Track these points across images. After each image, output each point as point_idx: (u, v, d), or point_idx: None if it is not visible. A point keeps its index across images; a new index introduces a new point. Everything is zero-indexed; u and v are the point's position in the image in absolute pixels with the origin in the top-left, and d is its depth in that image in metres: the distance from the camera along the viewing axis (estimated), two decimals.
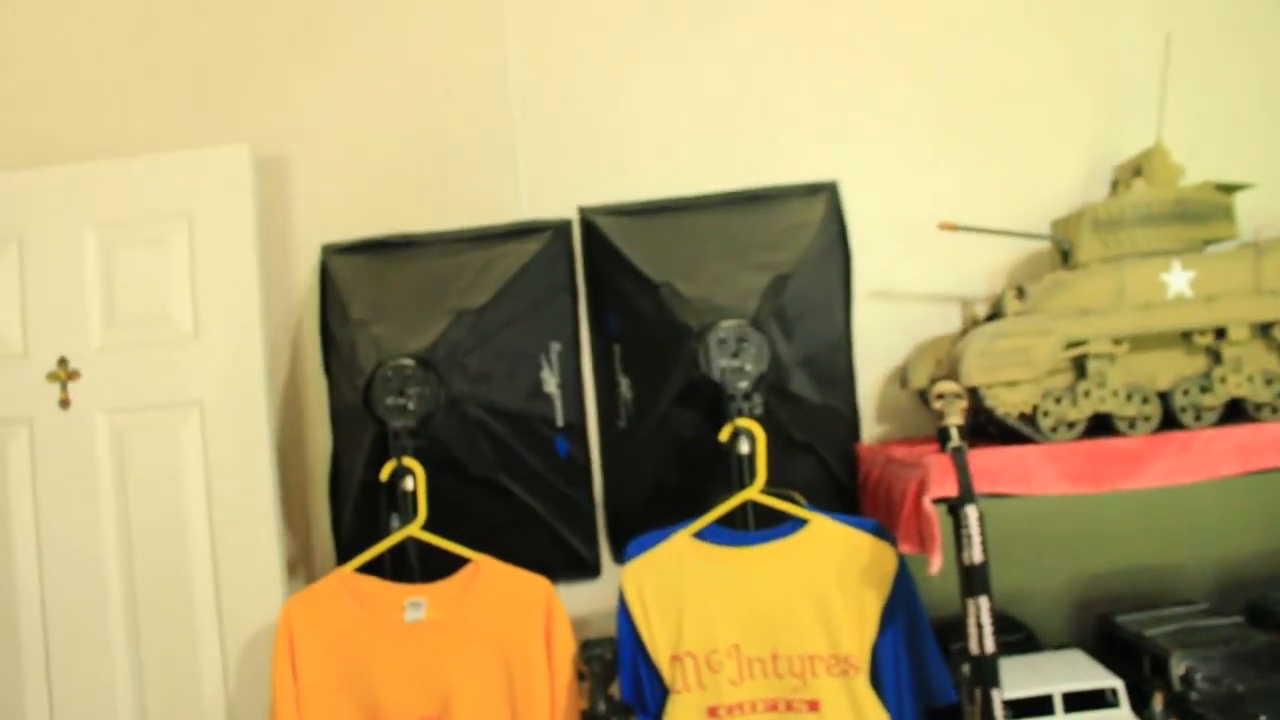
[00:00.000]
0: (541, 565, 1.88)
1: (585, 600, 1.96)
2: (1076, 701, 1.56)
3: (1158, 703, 1.53)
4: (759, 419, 1.66)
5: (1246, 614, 1.77)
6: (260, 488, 1.81)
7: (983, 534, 1.43)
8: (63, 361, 1.85)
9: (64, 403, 1.85)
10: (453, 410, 1.74)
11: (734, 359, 1.67)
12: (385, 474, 1.69)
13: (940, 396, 1.52)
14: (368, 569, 1.71)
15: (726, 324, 1.68)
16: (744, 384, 1.66)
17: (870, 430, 2.00)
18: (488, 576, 1.67)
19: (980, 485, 1.44)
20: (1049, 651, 1.73)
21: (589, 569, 1.96)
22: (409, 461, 1.68)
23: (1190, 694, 1.55)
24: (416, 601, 1.66)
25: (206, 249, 1.85)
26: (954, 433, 1.48)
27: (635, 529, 1.74)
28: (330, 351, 1.96)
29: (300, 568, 2.03)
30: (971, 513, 1.43)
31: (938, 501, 1.45)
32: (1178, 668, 1.58)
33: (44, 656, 1.82)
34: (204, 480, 1.82)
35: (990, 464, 1.45)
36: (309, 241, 2.05)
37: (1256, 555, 1.97)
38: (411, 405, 1.69)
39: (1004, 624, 1.85)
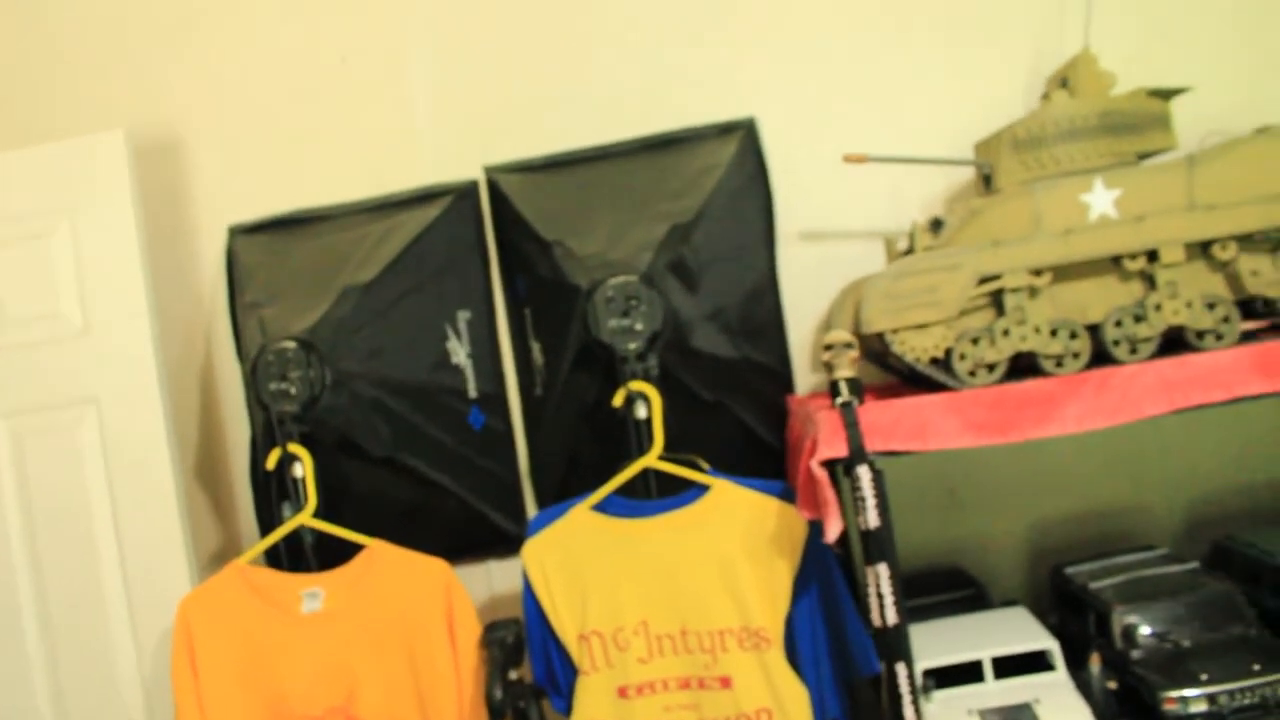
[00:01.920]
0: (464, 545, 1.82)
1: (516, 577, 1.87)
2: (1012, 666, 1.44)
3: (1095, 663, 1.41)
4: (656, 380, 1.55)
5: (1208, 557, 1.63)
6: (162, 482, 1.75)
7: (880, 495, 1.31)
8: None
9: None
10: (341, 391, 1.65)
11: (624, 318, 1.55)
12: (271, 462, 1.61)
13: (828, 347, 1.39)
14: (267, 561, 1.65)
15: (614, 281, 1.56)
16: (634, 345, 1.55)
17: (807, 380, 1.88)
18: (383, 562, 1.60)
19: (874, 443, 1.32)
20: (991, 610, 1.61)
21: (515, 544, 1.87)
22: (295, 448, 1.60)
23: (1131, 651, 1.42)
24: (313, 591, 1.59)
25: (90, 241, 1.78)
26: (843, 387, 1.36)
27: (560, 499, 1.66)
28: (238, 337, 1.88)
29: (231, 558, 1.97)
30: (864, 474, 1.31)
31: (831, 462, 1.33)
32: (1119, 622, 1.45)
33: None
34: (105, 478, 1.77)
35: (883, 419, 1.32)
36: (217, 224, 1.97)
37: (1228, 490, 1.81)
38: (294, 390, 1.60)
39: (952, 579, 1.75)
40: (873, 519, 1.31)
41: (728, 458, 1.64)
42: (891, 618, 1.31)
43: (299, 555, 1.63)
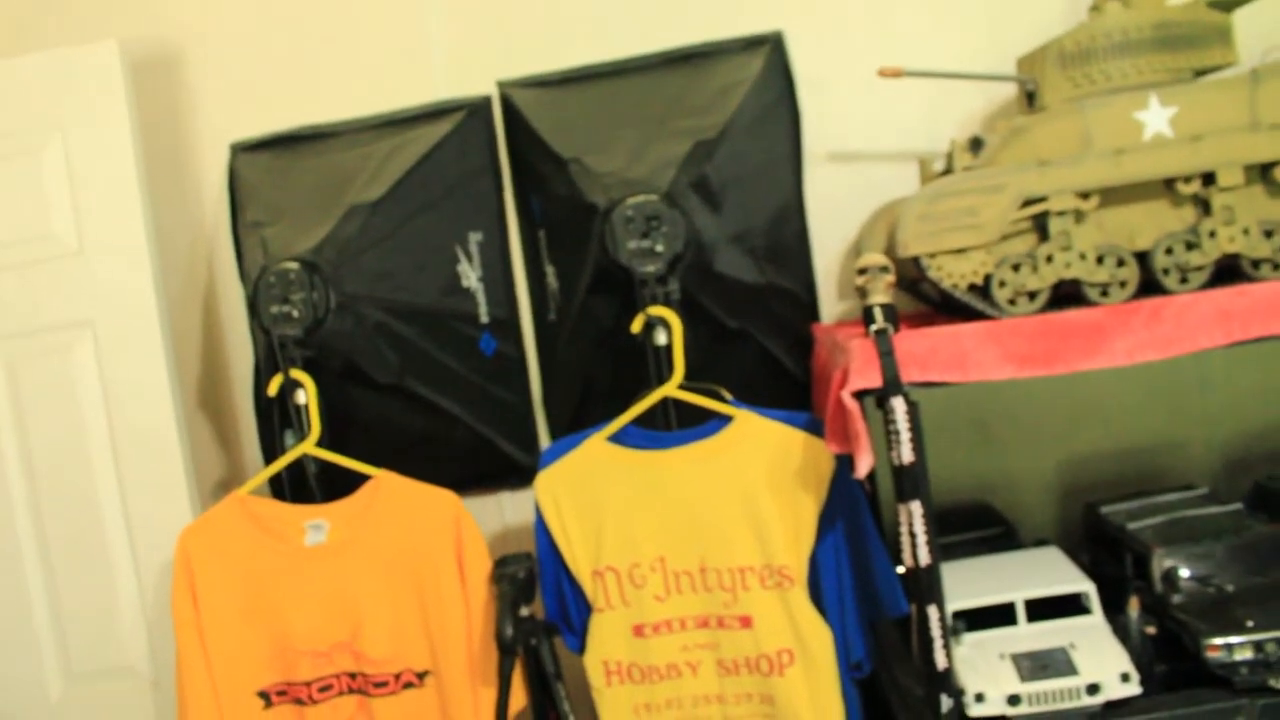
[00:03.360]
0: (474, 475, 1.76)
1: (528, 510, 1.82)
2: (1045, 608, 1.38)
3: (1133, 608, 1.34)
4: (676, 305, 1.48)
5: (1250, 498, 1.56)
6: (162, 409, 1.69)
7: (915, 429, 1.24)
8: None
9: None
10: (345, 314, 1.57)
11: (644, 239, 1.47)
12: (273, 389, 1.54)
13: (862, 271, 1.31)
14: (270, 491, 1.59)
15: (634, 200, 1.47)
16: (653, 267, 1.46)
17: (833, 309, 1.80)
18: (389, 492, 1.53)
19: (909, 373, 1.24)
20: (1022, 550, 1.54)
21: (528, 474, 1.81)
22: (298, 374, 1.53)
23: (1172, 596, 1.35)
24: (317, 523, 1.53)
25: (83, 157, 1.70)
26: (878, 313, 1.28)
27: (573, 429, 1.59)
28: (240, 259, 1.81)
29: (235, 488, 1.92)
30: (899, 405, 1.23)
31: (863, 394, 1.26)
32: (1160, 565, 1.38)
33: None
34: (103, 404, 1.70)
35: (919, 348, 1.24)
36: (218, 142, 1.88)
37: (1270, 429, 1.73)
38: (297, 313, 1.53)
39: (982, 518, 1.69)
40: (907, 454, 1.24)
41: (751, 388, 1.57)
42: (924, 557, 1.25)
43: (302, 486, 1.57)
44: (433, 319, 1.70)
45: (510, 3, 1.82)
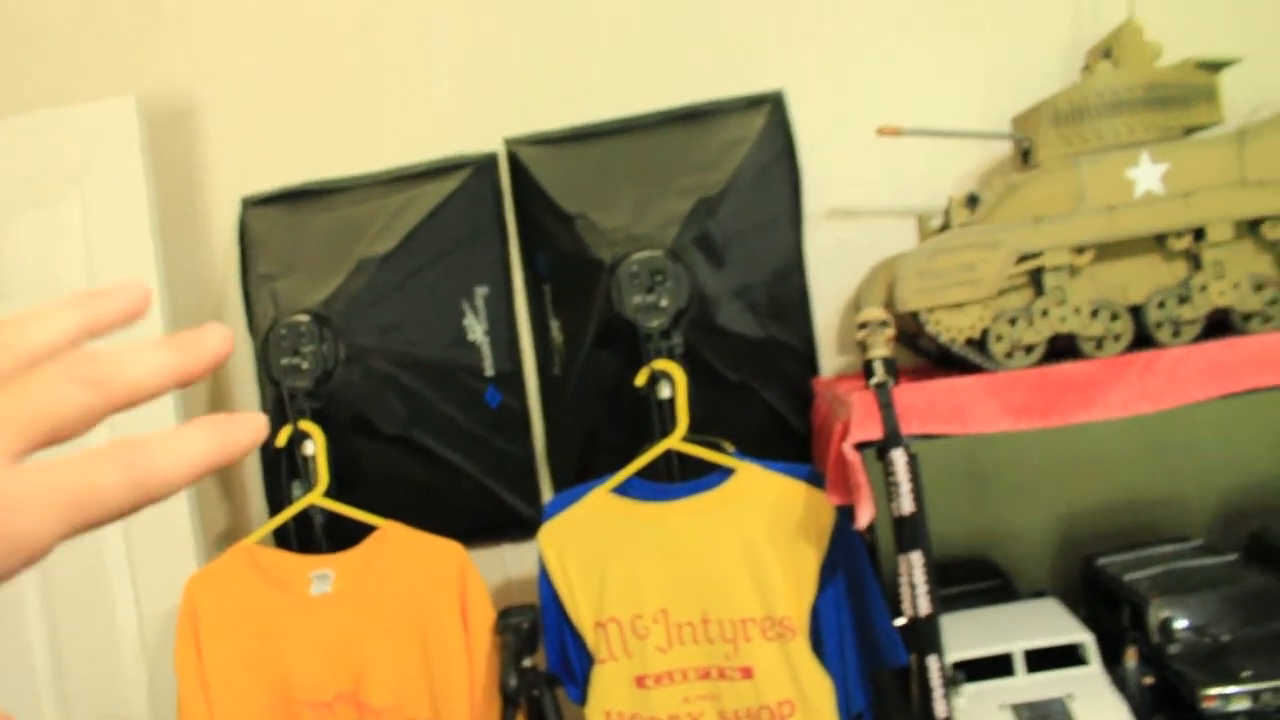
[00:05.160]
0: (477, 527, 1.77)
1: (533, 560, 1.83)
2: (1043, 659, 1.39)
3: (1130, 658, 1.36)
4: (681, 359, 1.50)
5: (1246, 549, 1.57)
6: None
7: (914, 480, 1.26)
8: None
9: None
10: (354, 366, 1.60)
11: (648, 294, 1.50)
12: (282, 439, 1.56)
13: (863, 326, 1.34)
14: (276, 542, 1.60)
15: (639, 256, 1.50)
16: (657, 322, 1.49)
17: (833, 363, 1.82)
18: (395, 543, 1.55)
19: (909, 425, 1.26)
20: (1020, 601, 1.56)
21: (531, 527, 1.82)
22: (306, 425, 1.56)
23: (1169, 646, 1.37)
24: (323, 573, 1.55)
25: (99, 209, 1.73)
26: (878, 367, 1.30)
27: (577, 482, 1.61)
28: (250, 311, 1.84)
29: (240, 538, 1.93)
30: (899, 457, 1.26)
31: (864, 446, 1.28)
32: (1156, 616, 1.39)
33: None
34: None
35: (919, 401, 1.27)
36: (230, 195, 1.92)
37: (1265, 481, 1.75)
38: (306, 364, 1.55)
39: (979, 571, 1.70)
40: (907, 505, 1.26)
41: (752, 441, 1.58)
42: (925, 608, 1.26)
43: (309, 536, 1.58)
44: (439, 371, 1.73)
45: (516, 62, 1.87)
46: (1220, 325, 1.38)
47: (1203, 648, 1.35)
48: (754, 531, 1.45)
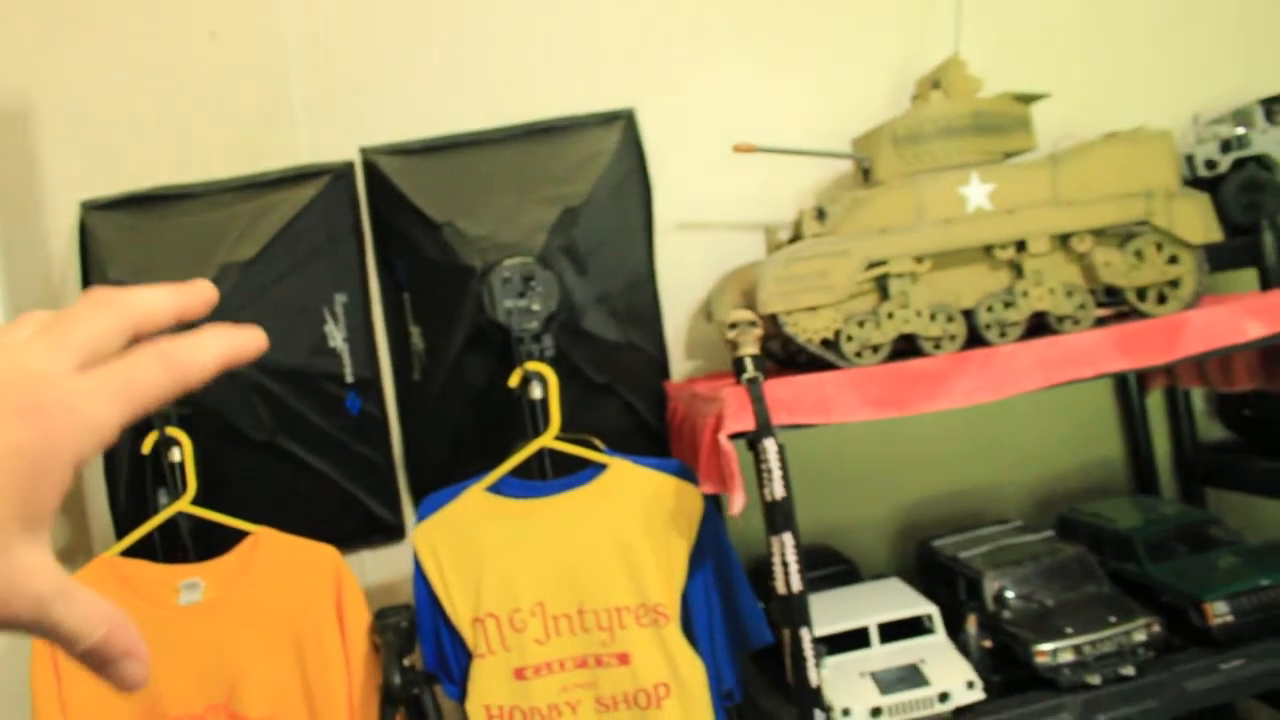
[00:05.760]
0: (340, 532, 1.77)
1: (393, 566, 1.84)
2: (894, 631, 1.52)
3: (971, 625, 1.50)
4: (551, 361, 1.56)
5: (1057, 527, 1.77)
6: None
7: (784, 467, 1.36)
8: None
9: None
10: (222, 373, 1.58)
11: (520, 299, 1.55)
12: (147, 446, 1.53)
13: (733, 326, 1.44)
14: (139, 552, 1.55)
15: (511, 262, 1.56)
16: (532, 325, 1.55)
17: (681, 367, 1.92)
18: (269, 549, 1.54)
19: (778, 417, 1.37)
20: (869, 582, 1.69)
21: (391, 532, 1.84)
22: (173, 431, 1.53)
23: (1003, 612, 1.52)
24: (192, 582, 1.52)
25: None
26: (749, 364, 1.40)
27: (439, 486, 1.63)
28: None
29: (79, 554, 1.86)
30: (770, 446, 1.35)
31: (736, 436, 1.37)
32: (990, 587, 1.55)
33: None
34: None
35: (786, 394, 1.38)
36: (69, 200, 1.85)
37: (1070, 470, 1.98)
38: None
39: (825, 557, 1.82)
40: (779, 490, 1.36)
41: (616, 439, 1.65)
42: (796, 584, 1.36)
43: (175, 545, 1.55)
44: (303, 378, 1.72)
45: (371, 71, 1.88)
46: (1039, 326, 1.55)
47: (1031, 612, 1.51)
48: (626, 524, 1.52)
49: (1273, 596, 1.49)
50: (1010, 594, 1.54)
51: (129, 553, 1.54)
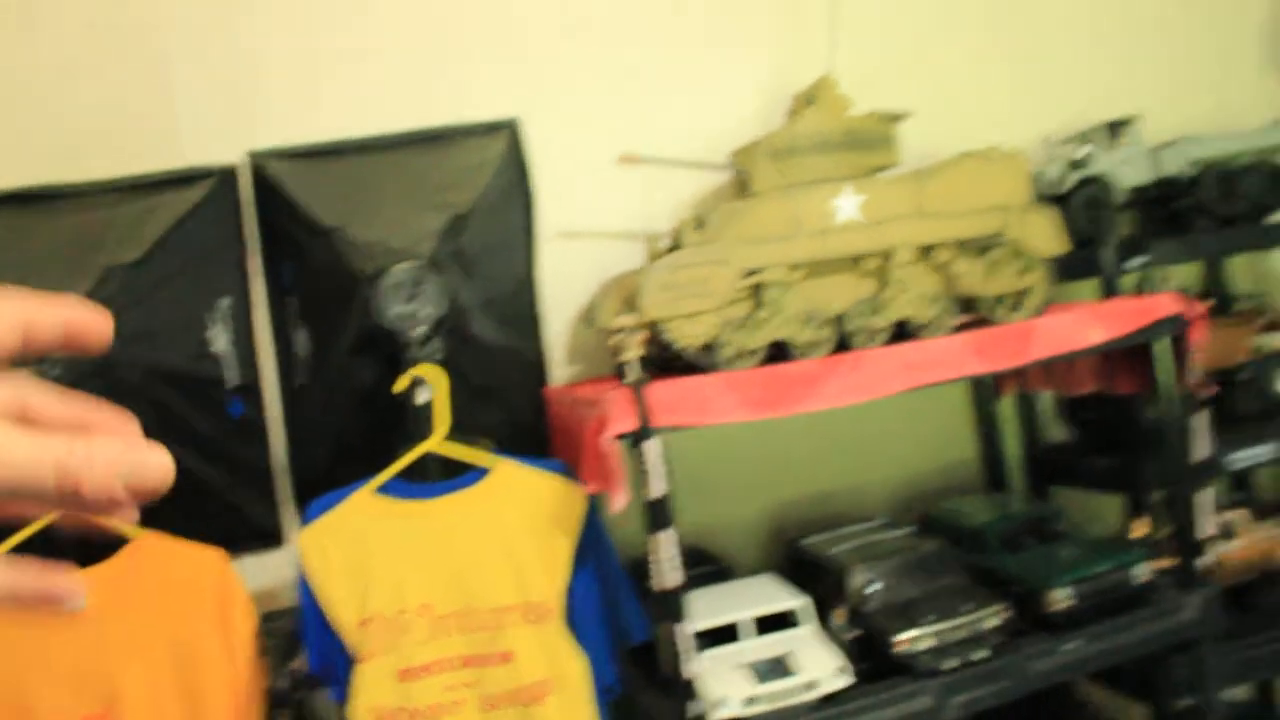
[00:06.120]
0: (221, 537, 1.75)
1: (272, 571, 1.83)
2: (767, 624, 1.59)
3: (839, 617, 1.59)
4: (440, 364, 1.59)
5: (919, 523, 1.87)
6: None
7: (664, 467, 1.42)
8: None
9: None
10: (107, 376, 1.56)
11: (409, 304, 1.58)
12: None
13: (618, 331, 1.49)
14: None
15: (400, 267, 1.59)
16: (420, 330, 1.58)
17: (562, 372, 1.96)
18: (151, 554, 1.52)
19: (660, 418, 1.43)
20: (742, 580, 1.76)
21: (270, 538, 1.84)
22: None
23: (867, 604, 1.61)
24: None
25: None
26: (633, 367, 1.46)
27: (323, 491, 1.64)
28: None
29: None
30: (651, 447, 1.41)
31: (621, 437, 1.43)
32: (856, 581, 1.64)
33: None
34: None
35: (668, 396, 1.44)
36: None
37: (929, 470, 2.09)
38: (57, 373, 1.50)
39: (697, 558, 1.88)
40: (657, 489, 1.42)
41: (499, 441, 1.69)
42: (674, 580, 1.42)
43: (52, 552, 1.51)
44: (186, 382, 1.71)
45: (258, 73, 1.87)
46: (903, 333, 1.64)
47: (895, 603, 1.60)
48: (511, 523, 1.56)
49: (1108, 582, 1.62)
50: (874, 587, 1.62)
51: None
